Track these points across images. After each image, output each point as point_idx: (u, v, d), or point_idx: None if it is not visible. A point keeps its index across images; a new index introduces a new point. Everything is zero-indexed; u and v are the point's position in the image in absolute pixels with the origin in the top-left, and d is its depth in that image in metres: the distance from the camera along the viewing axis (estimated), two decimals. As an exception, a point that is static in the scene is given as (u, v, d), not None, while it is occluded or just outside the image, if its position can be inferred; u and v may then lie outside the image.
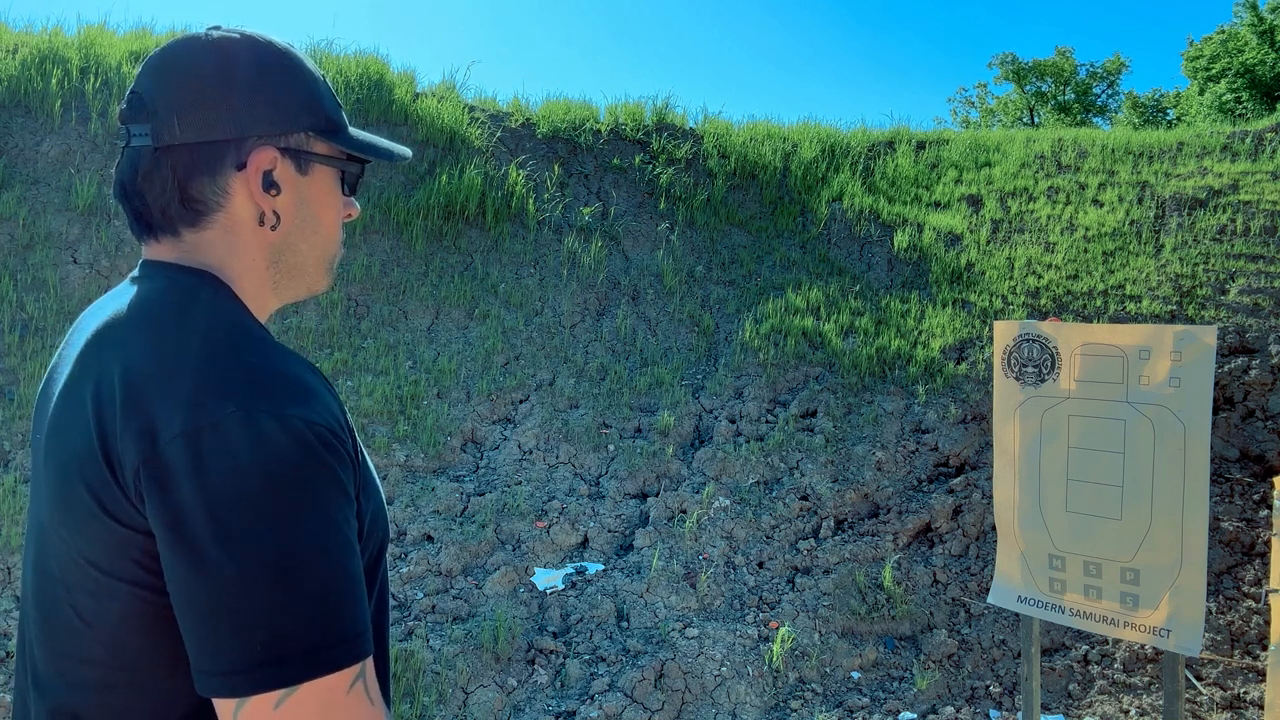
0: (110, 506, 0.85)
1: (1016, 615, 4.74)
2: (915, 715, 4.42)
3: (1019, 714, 4.28)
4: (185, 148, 0.96)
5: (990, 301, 7.68)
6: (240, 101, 0.97)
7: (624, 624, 4.86)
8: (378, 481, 1.08)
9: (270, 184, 0.99)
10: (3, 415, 5.40)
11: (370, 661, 0.87)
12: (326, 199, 1.07)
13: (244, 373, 0.87)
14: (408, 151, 1.15)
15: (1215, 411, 5.96)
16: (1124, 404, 2.76)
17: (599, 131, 9.36)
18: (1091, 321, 7.23)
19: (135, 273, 1.03)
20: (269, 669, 0.80)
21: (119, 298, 0.99)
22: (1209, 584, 5.04)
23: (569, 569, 5.28)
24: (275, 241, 1.03)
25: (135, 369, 0.87)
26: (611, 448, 6.27)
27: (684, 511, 5.69)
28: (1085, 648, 4.83)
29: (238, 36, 1.01)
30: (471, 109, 8.97)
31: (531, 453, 6.11)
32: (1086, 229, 8.49)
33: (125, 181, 0.99)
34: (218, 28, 1.02)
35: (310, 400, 0.88)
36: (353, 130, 1.10)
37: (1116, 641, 4.80)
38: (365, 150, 1.08)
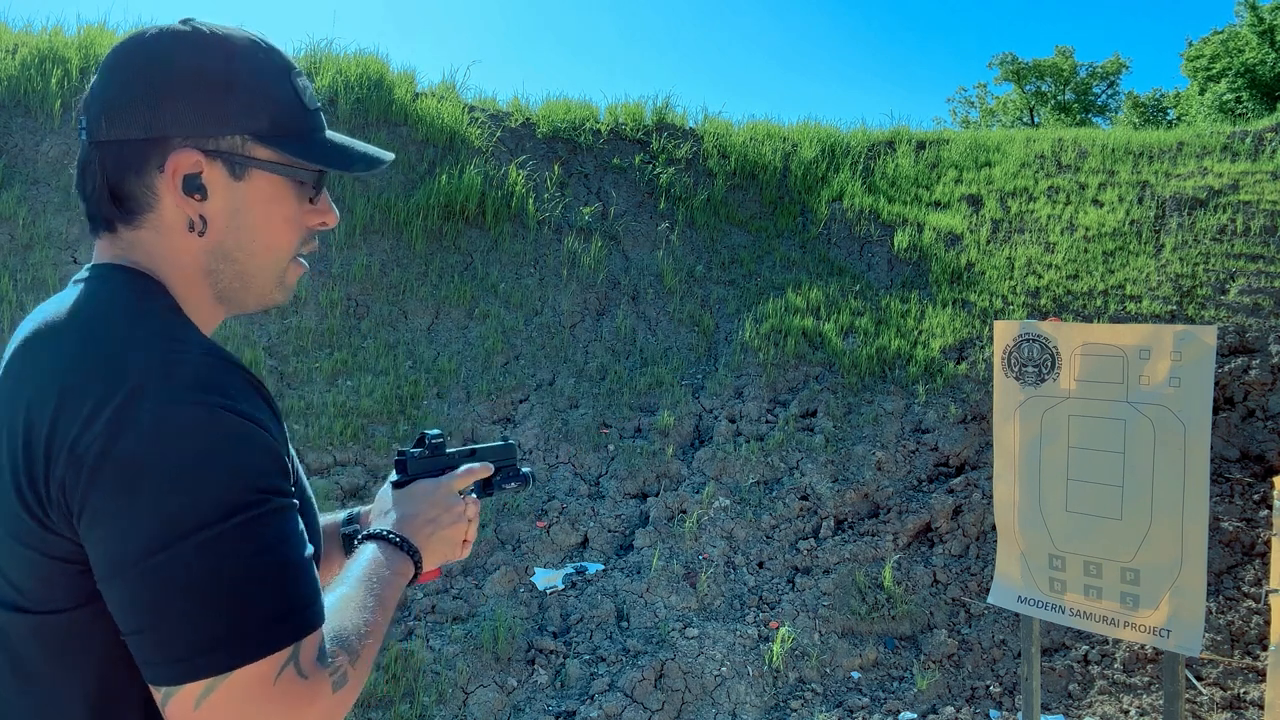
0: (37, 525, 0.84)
1: (1016, 615, 4.74)
2: (915, 715, 4.42)
3: (1019, 714, 4.28)
4: (113, 144, 0.95)
5: (990, 301, 7.68)
6: (164, 101, 0.94)
7: (624, 624, 4.86)
8: (310, 493, 1.07)
9: (195, 188, 0.95)
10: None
11: (309, 639, 0.84)
12: (272, 207, 1.00)
13: (160, 367, 0.84)
14: (379, 158, 1.07)
15: (1215, 411, 5.96)
16: (1124, 404, 2.76)
17: (599, 131, 9.36)
18: (1091, 321, 7.23)
19: (78, 275, 1.01)
20: (194, 659, 0.79)
21: (57, 302, 0.96)
22: (1209, 584, 5.04)
23: (569, 569, 5.28)
24: (209, 248, 0.98)
25: (59, 378, 0.85)
26: (611, 448, 6.27)
27: (684, 511, 5.69)
28: (1085, 648, 4.83)
29: (186, 32, 0.96)
30: (471, 109, 8.97)
31: (531, 453, 6.11)
32: (1086, 229, 8.49)
33: (76, 173, 1.00)
34: (188, 21, 0.98)
35: (227, 390, 0.86)
36: (330, 135, 1.05)
37: (1116, 641, 4.80)
38: (314, 159, 1.00)
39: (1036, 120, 32.99)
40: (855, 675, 4.72)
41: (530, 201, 8.24)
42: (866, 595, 5.16)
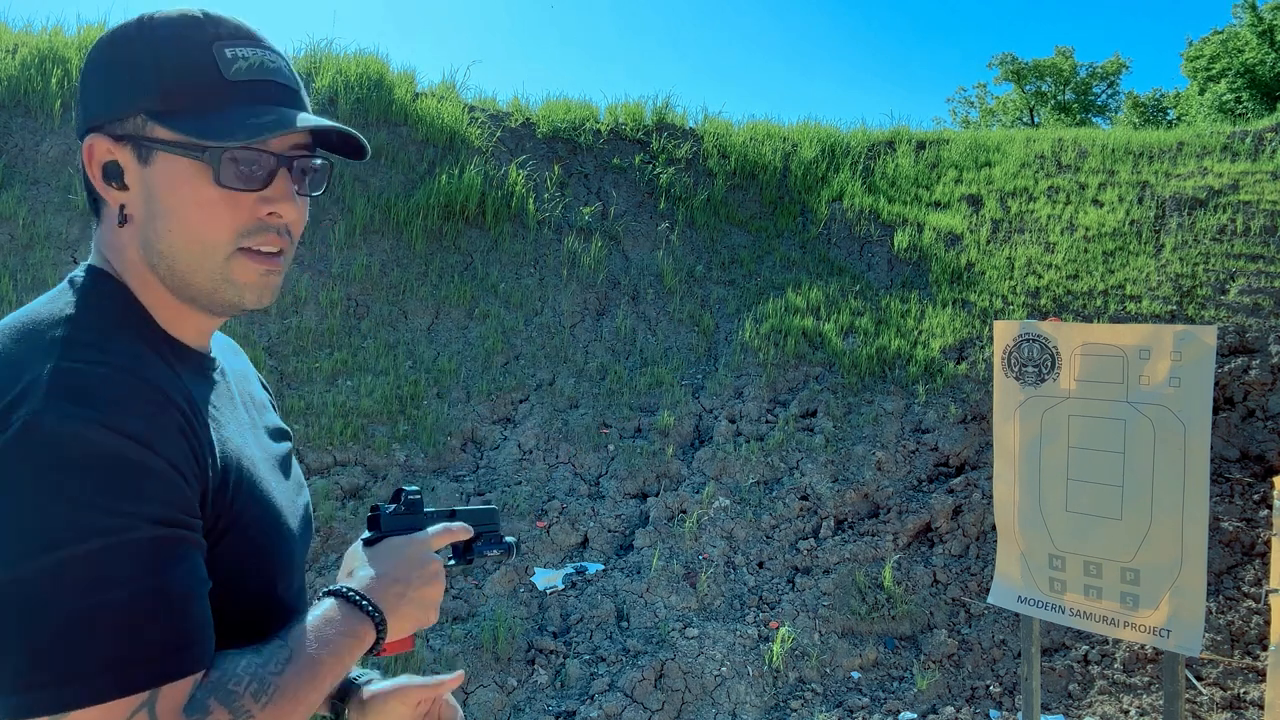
0: None
1: (1016, 615, 4.74)
2: (915, 715, 4.42)
3: (1019, 714, 4.28)
4: (81, 144, 0.95)
5: (990, 301, 7.68)
6: (85, 91, 0.93)
7: (624, 624, 4.86)
8: (275, 514, 0.99)
9: (113, 175, 0.91)
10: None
11: (173, 687, 0.76)
12: (181, 193, 0.89)
13: (49, 376, 0.79)
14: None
15: (1215, 411, 5.96)
16: (1124, 404, 2.76)
17: (599, 131, 9.36)
18: (1091, 321, 7.23)
19: None
20: (28, 694, 0.72)
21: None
22: (1209, 584, 5.04)
23: (569, 569, 5.28)
24: (138, 240, 0.92)
25: None
26: (611, 448, 6.27)
27: (684, 511, 5.69)
28: (1085, 648, 4.84)
29: (124, 21, 0.93)
30: (471, 109, 8.97)
31: (531, 453, 6.11)
32: (1086, 229, 8.49)
33: None
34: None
35: (119, 407, 0.79)
36: (308, 112, 0.94)
37: (1116, 641, 4.80)
38: (200, 134, 0.87)
39: (1036, 120, 32.99)
40: (855, 675, 4.72)
41: (530, 201, 8.24)
42: (866, 595, 5.16)
